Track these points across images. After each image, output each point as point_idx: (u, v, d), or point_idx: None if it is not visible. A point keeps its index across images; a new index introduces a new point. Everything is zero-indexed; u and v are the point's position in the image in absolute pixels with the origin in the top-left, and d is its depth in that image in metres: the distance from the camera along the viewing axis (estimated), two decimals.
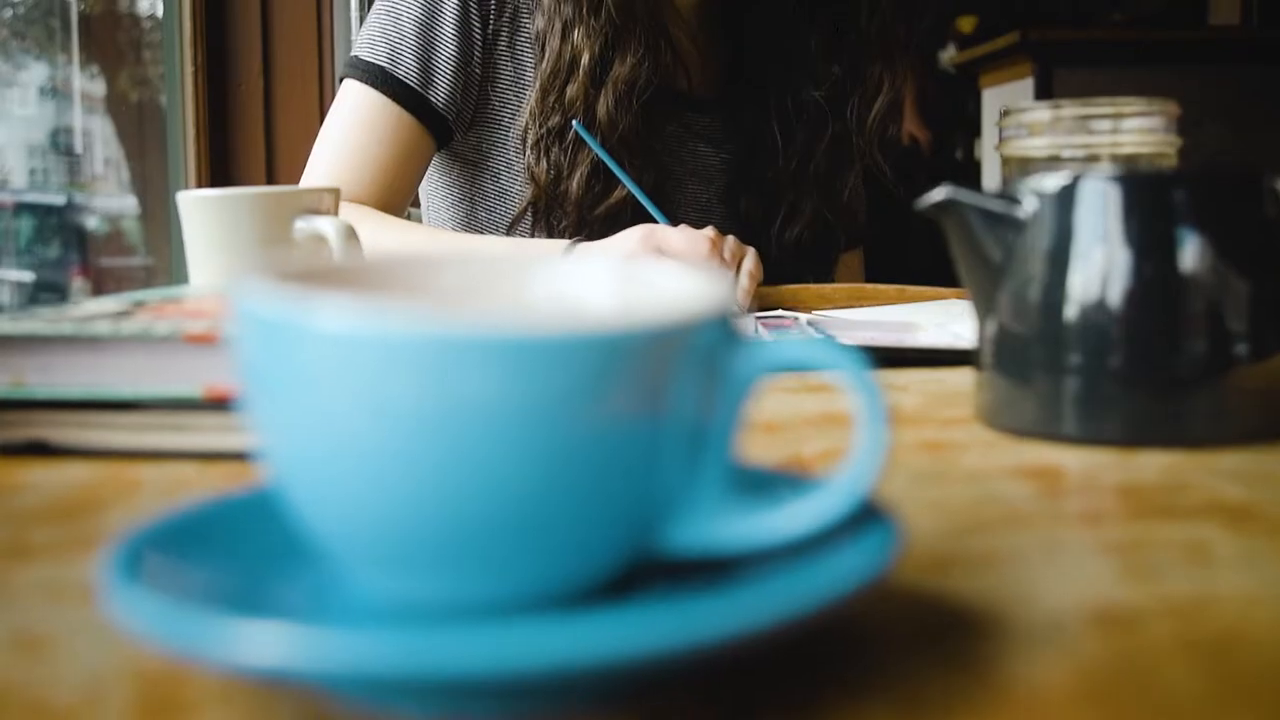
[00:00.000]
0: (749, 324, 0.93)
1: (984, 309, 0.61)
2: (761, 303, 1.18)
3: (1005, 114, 0.82)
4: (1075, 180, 0.57)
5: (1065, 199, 0.57)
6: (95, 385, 0.59)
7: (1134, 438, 0.56)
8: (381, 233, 1.12)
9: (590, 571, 0.31)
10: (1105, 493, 0.48)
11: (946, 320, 1.04)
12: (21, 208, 4.33)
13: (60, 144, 4.13)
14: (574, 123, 1.16)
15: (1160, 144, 0.79)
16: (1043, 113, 0.80)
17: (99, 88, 3.90)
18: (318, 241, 0.88)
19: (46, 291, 4.32)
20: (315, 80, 1.98)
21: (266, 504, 0.33)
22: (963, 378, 0.76)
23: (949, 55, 5.64)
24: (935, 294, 1.24)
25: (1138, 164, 0.79)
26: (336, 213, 0.92)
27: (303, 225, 0.88)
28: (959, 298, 1.24)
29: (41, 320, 0.60)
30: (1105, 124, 0.79)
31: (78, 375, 0.59)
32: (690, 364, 0.30)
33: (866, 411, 0.32)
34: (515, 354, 0.27)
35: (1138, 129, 0.79)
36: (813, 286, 1.24)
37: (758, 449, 0.57)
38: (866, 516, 0.32)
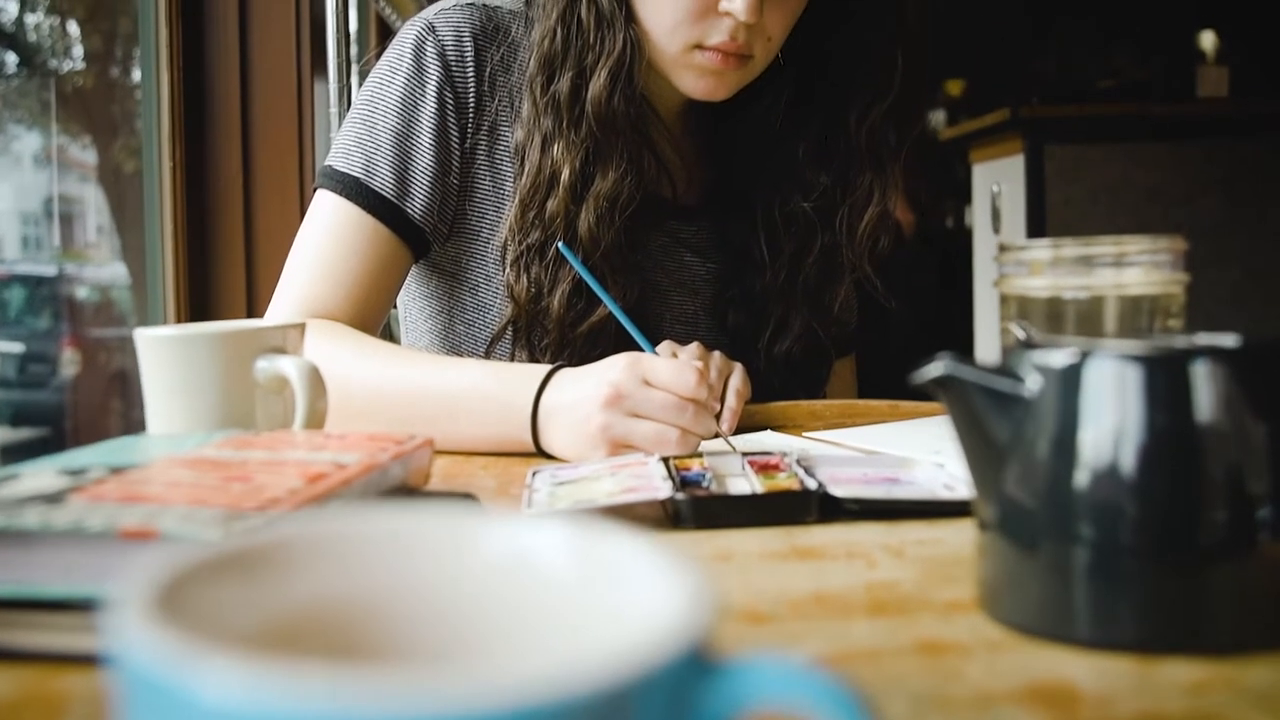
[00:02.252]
0: (736, 462, 0.89)
1: (986, 489, 0.56)
2: (750, 421, 1.13)
3: (1004, 250, 0.78)
4: (1082, 358, 0.53)
5: (1071, 378, 0.53)
6: (23, 583, 0.54)
7: (1152, 642, 0.51)
8: (353, 359, 1.07)
9: None
10: None
11: (941, 445, 1.00)
12: (12, 279, 4.31)
13: (53, 213, 4.12)
14: (558, 244, 1.12)
15: (1167, 283, 0.75)
16: (1043, 251, 0.76)
17: (91, 157, 3.90)
18: (280, 383, 0.84)
19: (36, 363, 4.29)
20: (295, 177, 1.94)
21: None
22: (961, 536, 0.71)
23: (938, 119, 5.66)
24: (929, 410, 1.20)
25: (1143, 303, 0.75)
26: (301, 350, 0.88)
27: (265, 365, 0.84)
28: None
29: None
30: (1108, 264, 0.74)
31: (5, 571, 0.54)
32: (650, 712, 0.25)
33: None
34: None
35: (1143, 267, 0.75)
36: (803, 404, 1.20)
37: (741, 647, 0.53)
38: None
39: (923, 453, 0.98)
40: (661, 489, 0.77)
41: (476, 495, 0.76)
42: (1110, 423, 0.52)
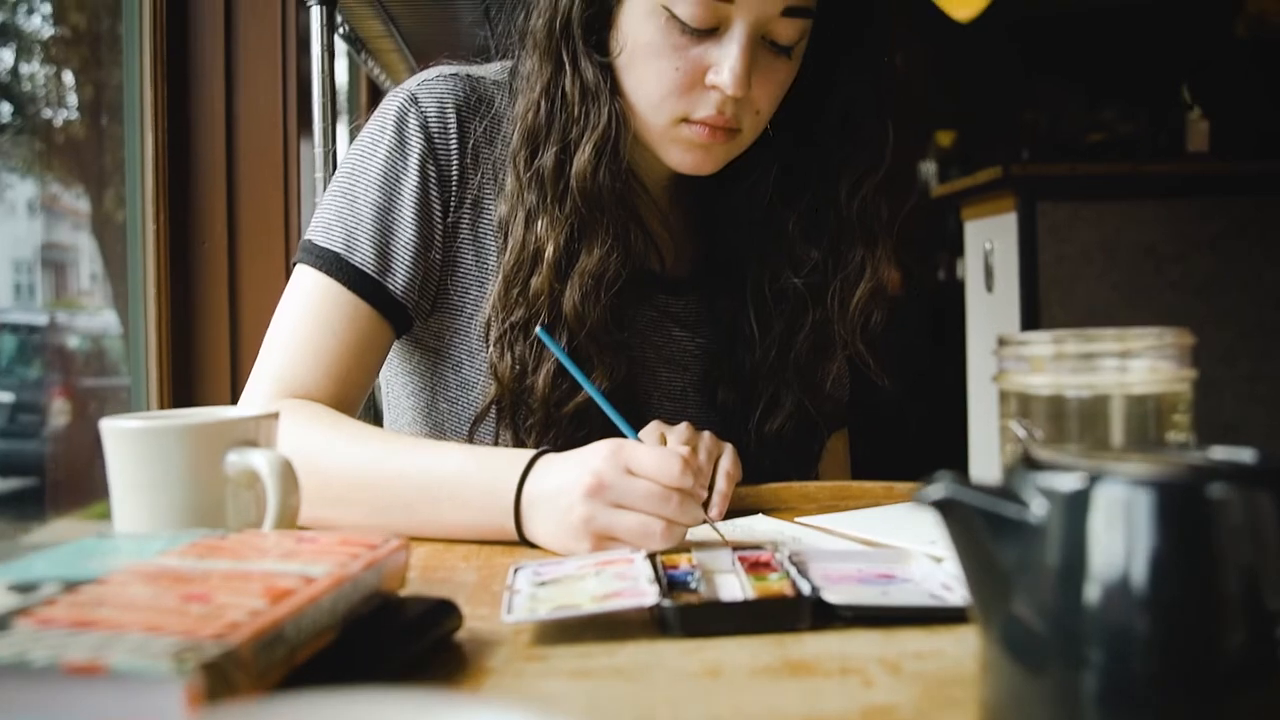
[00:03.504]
0: (726, 557, 0.85)
1: (990, 617, 0.53)
2: (740, 503, 1.10)
3: (1003, 344, 0.75)
4: (1090, 482, 0.50)
5: (1079, 503, 0.50)
6: None
7: None
8: (330, 443, 1.03)
9: None
10: None
11: (937, 535, 0.97)
12: (2, 328, 4.30)
13: (45, 261, 4.11)
14: (538, 329, 1.09)
15: (1173, 380, 0.72)
16: (1044, 347, 0.73)
17: (85, 205, 3.91)
18: (251, 478, 0.81)
19: (26, 413, 4.26)
20: (281, 239, 1.91)
21: None
22: (960, 647, 0.68)
23: (928, 170, 5.67)
24: None
25: (1149, 402, 0.72)
26: (274, 441, 0.84)
27: (235, 459, 0.81)
28: None
29: None
30: (1112, 361, 0.72)
31: None
32: None
33: None
34: None
35: (1148, 364, 0.72)
36: (795, 485, 1.17)
37: None
38: None
39: (919, 543, 0.95)
40: (648, 594, 0.74)
41: (454, 600, 0.73)
42: (1121, 552, 0.49)
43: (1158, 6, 5.37)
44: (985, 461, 3.74)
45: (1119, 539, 0.49)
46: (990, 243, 3.69)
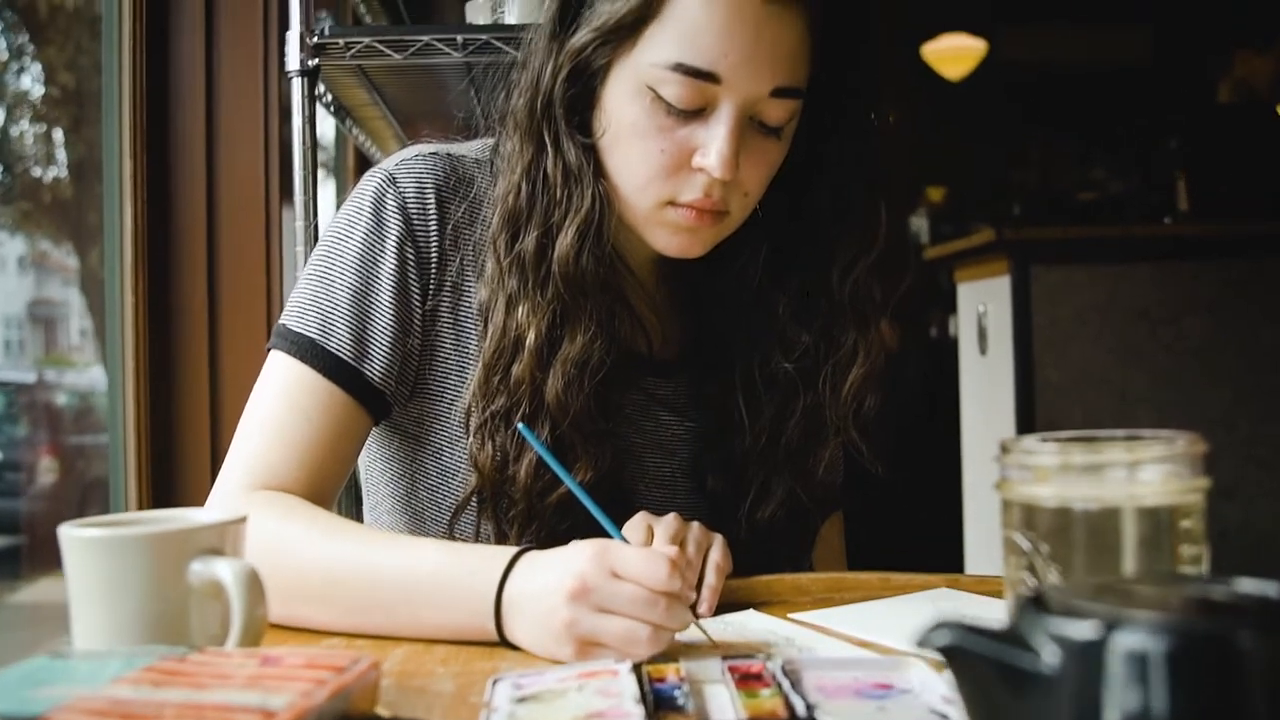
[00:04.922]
0: (715, 667, 0.81)
1: None
2: (732, 596, 1.06)
3: (1006, 451, 0.72)
4: (1106, 631, 0.46)
5: (1094, 654, 0.46)
6: None
7: None
8: (306, 541, 0.99)
9: None
10: None
11: None
12: None
13: (36, 316, 4.09)
14: (519, 424, 1.05)
15: (1184, 491, 0.69)
16: (1050, 457, 0.69)
17: (74, 261, 3.90)
18: (216, 588, 0.77)
19: (12, 471, 4.23)
20: (263, 312, 1.88)
21: None
22: None
23: (919, 225, 5.67)
24: (922, 583, 1.13)
25: (1160, 514, 0.68)
26: (241, 549, 0.80)
27: (199, 569, 0.77)
28: (948, 586, 1.13)
29: None
30: (1121, 471, 0.68)
31: None
32: None
33: None
34: None
35: (1159, 474, 0.68)
36: (788, 578, 1.13)
37: None
38: None
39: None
40: (633, 715, 0.70)
41: (427, 719, 0.69)
42: (1140, 706, 0.45)
43: (1149, 71, 5.41)
44: (981, 529, 3.70)
45: (1138, 692, 0.46)
46: (984, 305, 3.66)
